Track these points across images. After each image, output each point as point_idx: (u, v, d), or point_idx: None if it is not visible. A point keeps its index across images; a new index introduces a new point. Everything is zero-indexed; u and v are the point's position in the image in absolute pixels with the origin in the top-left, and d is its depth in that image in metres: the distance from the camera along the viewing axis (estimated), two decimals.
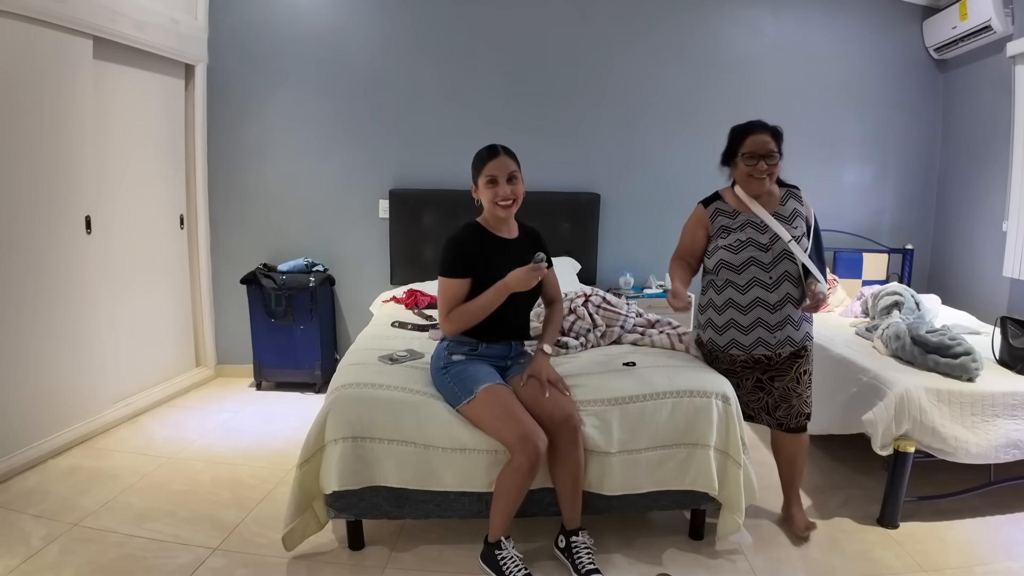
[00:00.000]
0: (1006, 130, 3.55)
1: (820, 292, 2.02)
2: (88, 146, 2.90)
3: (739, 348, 2.15)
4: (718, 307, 2.17)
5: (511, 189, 1.99)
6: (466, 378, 1.97)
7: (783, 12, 3.97)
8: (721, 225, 2.15)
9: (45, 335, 2.69)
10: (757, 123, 2.11)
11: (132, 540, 2.09)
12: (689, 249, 2.24)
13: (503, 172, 1.98)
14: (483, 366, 2.03)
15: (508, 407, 1.90)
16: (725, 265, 2.12)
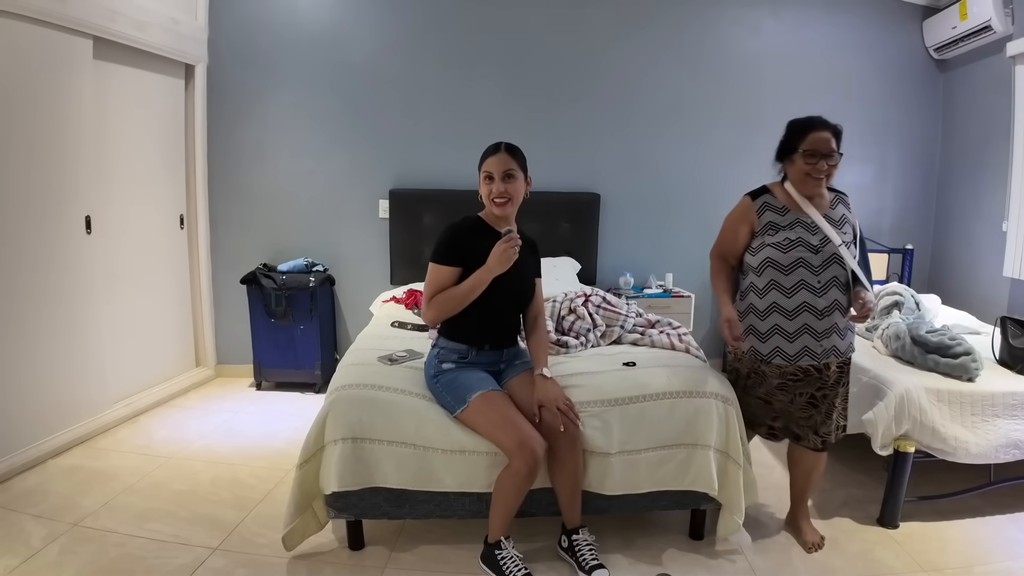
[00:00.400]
0: (1006, 130, 3.55)
1: (869, 301, 1.93)
2: (88, 146, 2.90)
3: (783, 357, 2.00)
4: (760, 312, 2.02)
5: (505, 187, 1.96)
6: (457, 387, 1.96)
7: (783, 12, 3.97)
8: (769, 221, 2.00)
9: (45, 335, 2.69)
10: (818, 119, 1.97)
11: (132, 540, 2.09)
12: (730, 246, 2.11)
13: (499, 169, 1.96)
14: (475, 372, 2.01)
15: (503, 413, 1.88)
16: (772, 264, 1.98)
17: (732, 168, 4.08)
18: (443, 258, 1.96)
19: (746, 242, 2.07)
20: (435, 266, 1.97)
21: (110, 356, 3.09)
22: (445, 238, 1.98)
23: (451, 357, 2.03)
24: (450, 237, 1.98)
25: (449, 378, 1.99)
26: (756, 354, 2.06)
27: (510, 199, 1.98)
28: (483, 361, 2.06)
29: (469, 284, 1.93)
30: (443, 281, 1.96)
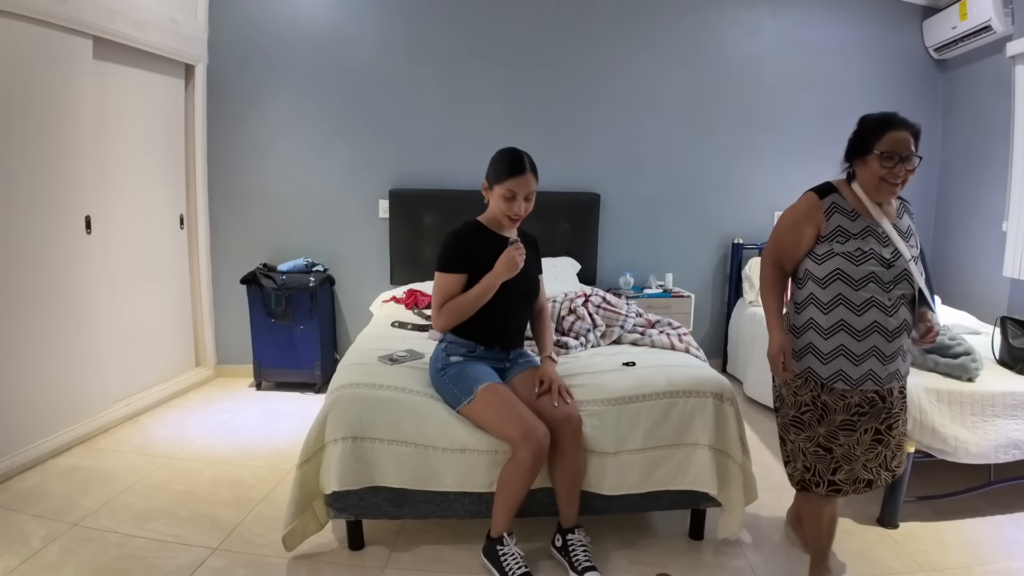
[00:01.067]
0: (1006, 130, 3.55)
1: (936, 324, 1.78)
2: (88, 146, 2.90)
3: (846, 381, 1.76)
4: (824, 330, 1.77)
5: (526, 208, 2.00)
6: (465, 379, 1.96)
7: (783, 12, 3.97)
8: (838, 226, 1.76)
9: (45, 335, 2.69)
10: (897, 117, 1.75)
11: (132, 540, 2.09)
12: (791, 250, 1.84)
13: (524, 191, 1.97)
14: (481, 366, 2.03)
15: (510, 404, 1.90)
16: (842, 277, 1.73)
17: (732, 168, 4.08)
18: (449, 266, 1.98)
19: (809, 246, 1.80)
20: (442, 275, 1.99)
21: (110, 356, 3.09)
22: (449, 245, 2.00)
23: (459, 351, 2.04)
24: (454, 244, 2.00)
25: (456, 371, 2.00)
26: (813, 377, 1.80)
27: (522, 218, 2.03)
28: (490, 357, 2.08)
29: (478, 291, 1.96)
30: (451, 289, 1.98)
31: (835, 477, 1.82)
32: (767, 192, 4.11)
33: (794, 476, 1.91)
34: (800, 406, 1.85)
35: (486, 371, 2.01)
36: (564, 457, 1.92)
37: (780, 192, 4.11)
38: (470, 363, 2.02)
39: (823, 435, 1.81)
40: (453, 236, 2.01)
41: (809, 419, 1.83)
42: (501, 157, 1.99)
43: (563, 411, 1.92)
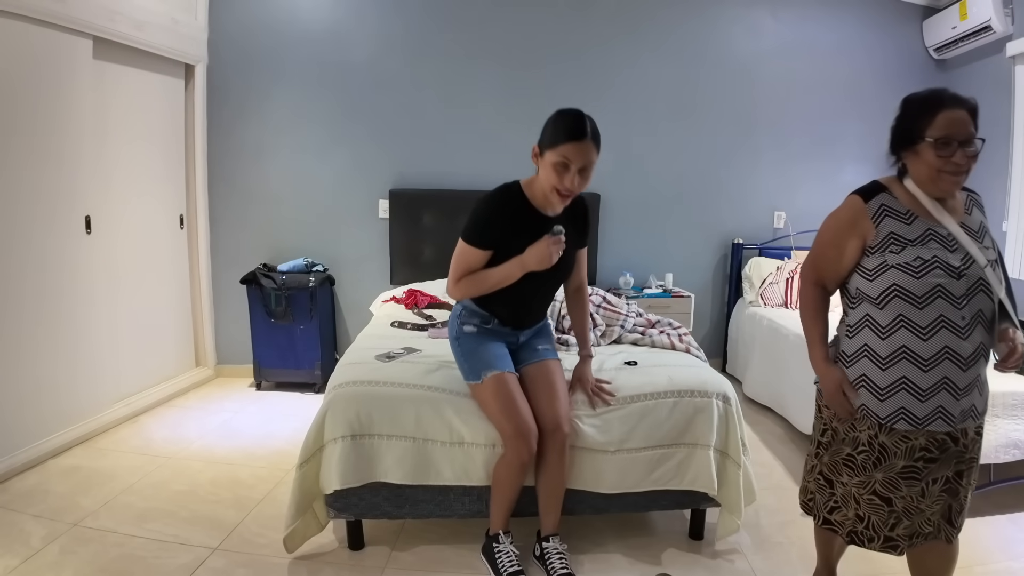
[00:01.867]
0: (1006, 130, 3.55)
1: (1021, 343, 1.43)
2: (88, 146, 2.90)
3: (909, 420, 1.42)
4: (882, 359, 1.44)
5: (580, 183, 1.73)
6: (476, 360, 1.90)
7: (783, 12, 3.97)
8: (891, 233, 1.43)
9: (45, 335, 2.69)
10: (947, 94, 1.41)
11: (132, 540, 2.09)
12: (833, 266, 1.52)
13: (580, 160, 1.69)
14: (494, 345, 1.94)
15: (512, 399, 1.85)
16: (900, 294, 1.41)
17: (732, 168, 4.08)
18: (474, 239, 1.79)
19: (855, 260, 1.48)
20: (465, 245, 1.80)
21: (110, 356, 3.09)
22: (480, 218, 1.78)
23: (472, 320, 1.94)
24: (487, 218, 1.78)
25: (469, 347, 1.92)
26: (869, 416, 1.47)
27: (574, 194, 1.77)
28: (504, 332, 1.99)
29: (499, 275, 1.80)
30: (471, 263, 1.81)
31: (893, 532, 1.49)
32: (767, 192, 4.11)
33: (844, 525, 1.56)
34: (856, 444, 1.50)
35: (498, 354, 1.92)
36: (547, 466, 1.89)
37: (780, 192, 4.12)
38: (483, 340, 1.93)
39: (880, 482, 1.47)
40: (487, 206, 1.78)
41: (864, 461, 1.49)
42: (558, 117, 1.71)
43: (552, 421, 1.86)
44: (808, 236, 4.08)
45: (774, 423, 3.26)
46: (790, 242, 4.06)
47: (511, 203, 1.80)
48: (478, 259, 1.81)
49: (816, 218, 4.51)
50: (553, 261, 1.74)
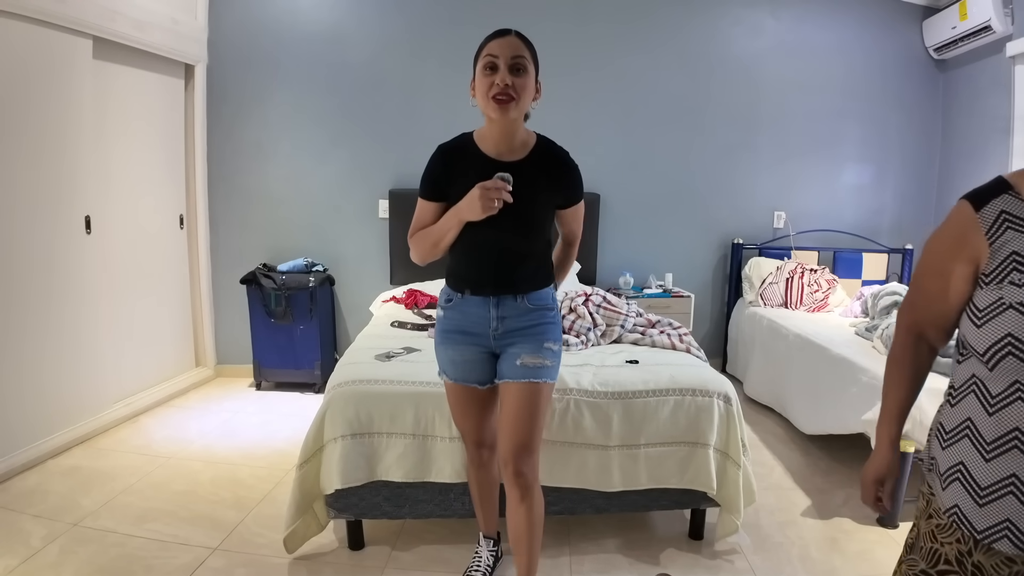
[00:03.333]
0: (1006, 130, 3.55)
1: None
2: (88, 146, 2.90)
3: (1016, 540, 0.92)
4: (987, 444, 0.94)
5: (513, 81, 1.48)
6: (438, 353, 1.73)
7: (783, 12, 3.97)
8: (1012, 254, 0.92)
9: (45, 335, 2.69)
10: None
11: (132, 540, 2.09)
12: (935, 305, 1.04)
13: (507, 55, 1.49)
14: (454, 343, 1.66)
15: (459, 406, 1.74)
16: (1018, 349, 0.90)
17: (732, 168, 4.08)
18: (422, 189, 1.62)
19: (965, 295, 0.99)
20: (419, 199, 1.64)
21: (110, 356, 3.08)
22: (427, 166, 1.62)
23: (441, 300, 1.70)
24: (430, 166, 1.61)
25: (436, 336, 1.72)
26: (961, 525, 0.97)
27: (515, 99, 1.49)
28: (472, 314, 1.63)
29: (440, 227, 1.56)
30: (422, 218, 1.62)
31: None
32: (767, 192, 4.11)
33: None
34: (937, 559, 1.02)
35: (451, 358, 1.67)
36: (507, 504, 1.63)
37: (780, 192, 4.12)
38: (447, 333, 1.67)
39: None
40: (435, 153, 1.63)
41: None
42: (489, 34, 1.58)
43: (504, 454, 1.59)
44: (808, 236, 4.09)
45: (774, 423, 3.26)
46: (790, 242, 4.06)
47: (456, 148, 1.61)
48: (427, 213, 1.61)
49: (816, 218, 4.53)
50: (490, 209, 1.46)
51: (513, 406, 1.59)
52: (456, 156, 1.59)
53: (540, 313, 1.63)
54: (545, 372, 1.61)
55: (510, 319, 1.62)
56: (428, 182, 1.60)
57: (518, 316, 1.62)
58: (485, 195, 1.45)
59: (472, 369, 1.67)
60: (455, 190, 1.55)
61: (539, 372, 1.60)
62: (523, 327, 1.62)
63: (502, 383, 1.63)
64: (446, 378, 1.72)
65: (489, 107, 1.50)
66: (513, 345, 1.62)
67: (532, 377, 1.59)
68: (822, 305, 3.65)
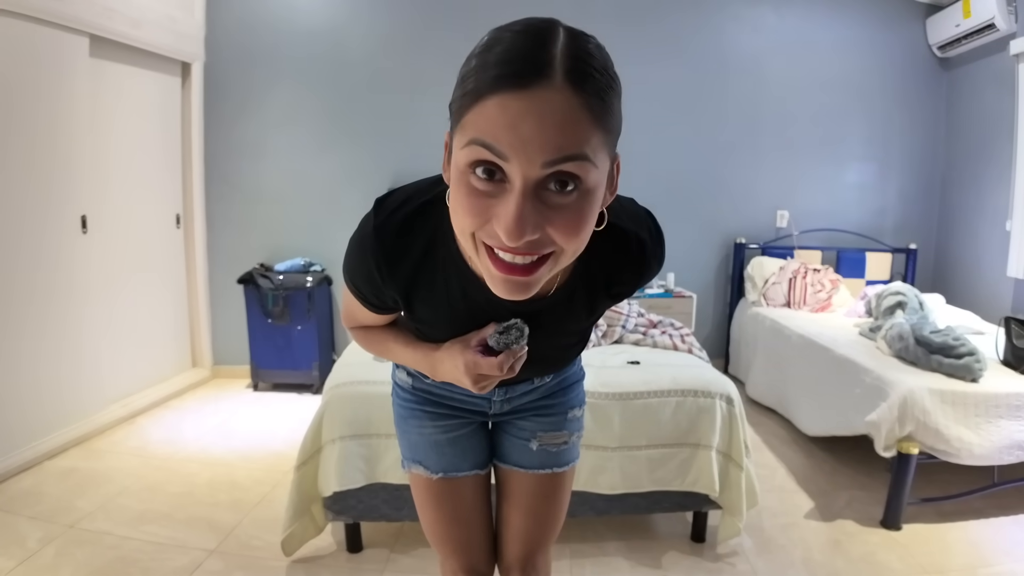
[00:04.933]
0: (1010, 128, 3.53)
1: None
2: (84, 145, 2.88)
3: None
4: None
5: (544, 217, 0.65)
6: (402, 435, 1.17)
7: (785, 10, 3.95)
8: None
9: (40, 335, 2.67)
10: None
11: (128, 542, 2.07)
12: None
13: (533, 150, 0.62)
14: (443, 419, 1.12)
15: (443, 513, 1.17)
16: None
17: (734, 167, 4.06)
18: (351, 289, 0.96)
19: None
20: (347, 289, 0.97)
21: (106, 357, 3.06)
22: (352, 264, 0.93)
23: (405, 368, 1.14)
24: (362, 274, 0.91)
25: (398, 409, 1.16)
26: None
27: (551, 256, 0.70)
28: (459, 393, 1.09)
29: (401, 356, 1.02)
30: (357, 316, 1.02)
31: None
32: (769, 191, 4.08)
33: None
34: None
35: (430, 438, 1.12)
36: None
37: (783, 191, 4.09)
38: (417, 403, 1.12)
39: None
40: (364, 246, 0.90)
41: None
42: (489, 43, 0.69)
43: (508, 563, 1.19)
44: (811, 235, 4.06)
45: (777, 424, 3.24)
46: (793, 241, 4.03)
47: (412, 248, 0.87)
48: (368, 317, 1.01)
49: (819, 217, 4.51)
50: (485, 391, 0.93)
51: (525, 503, 1.14)
52: (419, 269, 0.87)
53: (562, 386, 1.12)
54: (569, 454, 1.14)
55: (518, 397, 1.12)
56: (362, 291, 0.93)
57: (531, 391, 1.12)
58: (479, 380, 0.90)
59: (465, 451, 1.13)
60: (418, 317, 0.94)
61: (561, 456, 1.13)
62: (539, 397, 1.11)
63: (506, 469, 1.16)
64: (423, 471, 1.14)
65: (482, 267, 0.72)
66: (524, 418, 1.13)
67: (554, 466, 1.13)
68: (825, 305, 3.63)
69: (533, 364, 0.95)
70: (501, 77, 0.62)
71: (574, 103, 0.62)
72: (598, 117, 0.63)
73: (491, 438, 1.18)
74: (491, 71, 0.63)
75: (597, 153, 0.64)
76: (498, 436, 1.17)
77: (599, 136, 0.64)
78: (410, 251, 0.84)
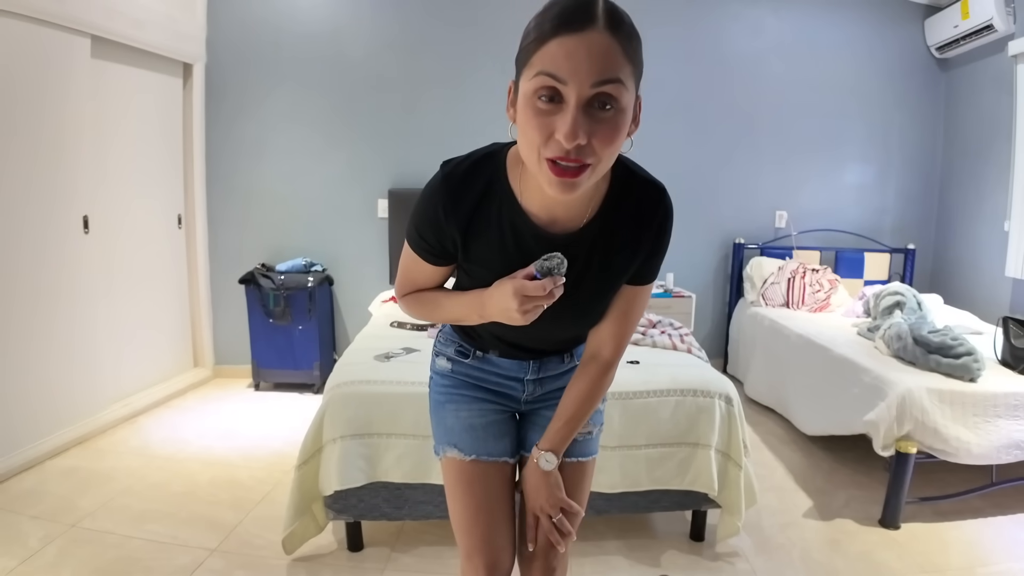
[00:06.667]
0: (1008, 129, 3.54)
1: None
2: (86, 145, 2.89)
3: None
4: None
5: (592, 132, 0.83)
6: (438, 421, 1.23)
7: (784, 11, 3.96)
8: None
9: (42, 335, 2.68)
10: None
11: (130, 541, 2.08)
12: None
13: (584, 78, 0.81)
14: (469, 402, 1.20)
15: (473, 498, 1.18)
16: None
17: (733, 167, 4.07)
18: (413, 240, 1.06)
19: None
20: (407, 248, 1.08)
21: (108, 356, 3.07)
22: (421, 209, 1.02)
23: (447, 349, 1.23)
24: (428, 212, 1.01)
25: (436, 396, 1.24)
26: None
27: (592, 165, 0.85)
28: (500, 374, 1.20)
29: (454, 311, 1.11)
30: (416, 279, 1.12)
31: None
32: (768, 191, 4.09)
33: None
34: None
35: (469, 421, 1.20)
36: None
37: (782, 191, 4.10)
38: (455, 389, 1.21)
39: None
40: (439, 188, 0.99)
41: None
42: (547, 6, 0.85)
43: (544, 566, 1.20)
44: (809, 236, 4.07)
45: (776, 424, 3.25)
46: (792, 242, 4.04)
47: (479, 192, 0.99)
48: (426, 275, 1.10)
49: (818, 217, 4.51)
50: (530, 317, 0.98)
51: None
52: (475, 206, 0.99)
53: None
54: (592, 445, 1.23)
55: (551, 379, 1.21)
56: (425, 239, 1.03)
57: (561, 375, 1.21)
58: (525, 303, 0.96)
59: (497, 437, 1.20)
60: (473, 259, 1.04)
61: (585, 447, 1.21)
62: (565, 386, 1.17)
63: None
64: (457, 453, 1.18)
65: (541, 175, 0.86)
66: (551, 408, 1.18)
67: (579, 455, 1.20)
68: (824, 305, 3.64)
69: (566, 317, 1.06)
70: (560, 25, 0.82)
71: (612, 42, 0.82)
72: (629, 54, 0.84)
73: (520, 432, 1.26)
74: (552, 22, 0.82)
75: (628, 81, 0.84)
76: (525, 429, 1.25)
77: (629, 68, 0.84)
78: (472, 190, 0.99)
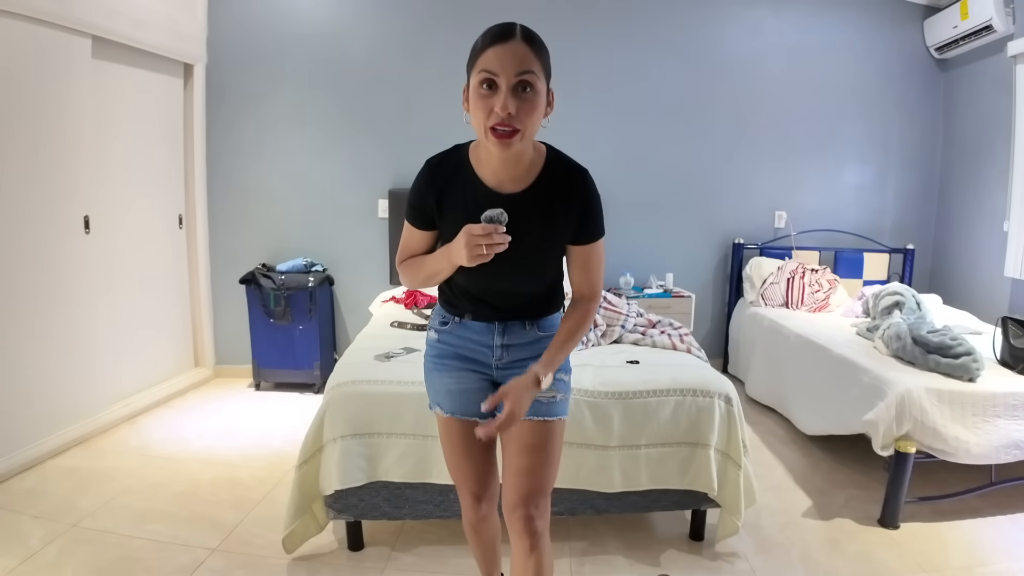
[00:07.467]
0: (1007, 130, 3.55)
1: None
2: (86, 146, 2.89)
3: None
4: None
5: (517, 106, 1.19)
6: (429, 382, 1.50)
7: (784, 11, 3.97)
8: None
9: (43, 335, 2.69)
10: None
11: (131, 541, 2.08)
12: None
13: (509, 71, 1.18)
14: (449, 370, 1.45)
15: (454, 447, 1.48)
16: None
17: (732, 167, 4.08)
18: (408, 213, 1.41)
19: None
20: (406, 223, 1.43)
21: (109, 356, 3.08)
22: (414, 186, 1.42)
23: (435, 322, 1.49)
24: (416, 187, 1.40)
25: (427, 363, 1.50)
26: None
27: (520, 130, 1.21)
28: (472, 340, 1.43)
29: (431, 266, 1.36)
30: (411, 245, 1.42)
31: None
32: (768, 191, 4.10)
33: None
34: None
35: (447, 387, 1.45)
36: (512, 555, 1.42)
37: (781, 191, 4.11)
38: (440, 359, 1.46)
39: None
40: (422, 172, 1.41)
41: None
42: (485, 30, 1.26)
43: (510, 500, 1.39)
44: (809, 236, 4.08)
45: (775, 423, 3.26)
46: (791, 242, 4.05)
47: (447, 170, 1.37)
48: (416, 240, 1.41)
49: (817, 218, 4.53)
50: (480, 259, 1.23)
51: (522, 448, 1.39)
52: (447, 180, 1.36)
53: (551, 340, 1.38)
54: (557, 408, 1.41)
55: (516, 347, 1.43)
56: (414, 208, 1.39)
57: (526, 344, 1.43)
58: (472, 242, 1.21)
59: (472, 399, 1.42)
60: (446, 221, 1.34)
61: (551, 408, 1.40)
62: (532, 356, 1.38)
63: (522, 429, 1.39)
64: (440, 411, 1.47)
65: (487, 139, 1.23)
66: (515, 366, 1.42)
67: (544, 415, 1.39)
68: (823, 305, 3.65)
69: (514, 264, 1.32)
70: (494, 39, 1.22)
71: (527, 49, 1.21)
72: (540, 57, 1.24)
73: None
74: (488, 39, 1.23)
75: (540, 73, 1.24)
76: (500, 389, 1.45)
77: (539, 65, 1.23)
78: (444, 169, 1.40)
